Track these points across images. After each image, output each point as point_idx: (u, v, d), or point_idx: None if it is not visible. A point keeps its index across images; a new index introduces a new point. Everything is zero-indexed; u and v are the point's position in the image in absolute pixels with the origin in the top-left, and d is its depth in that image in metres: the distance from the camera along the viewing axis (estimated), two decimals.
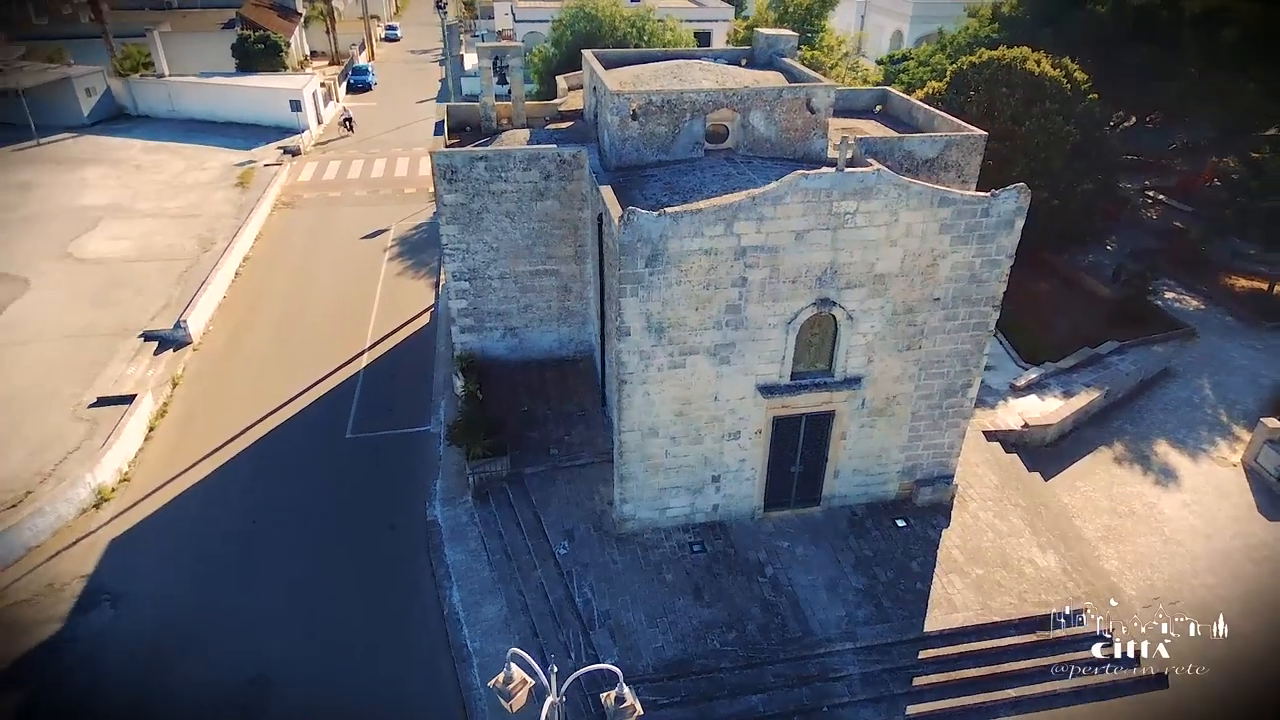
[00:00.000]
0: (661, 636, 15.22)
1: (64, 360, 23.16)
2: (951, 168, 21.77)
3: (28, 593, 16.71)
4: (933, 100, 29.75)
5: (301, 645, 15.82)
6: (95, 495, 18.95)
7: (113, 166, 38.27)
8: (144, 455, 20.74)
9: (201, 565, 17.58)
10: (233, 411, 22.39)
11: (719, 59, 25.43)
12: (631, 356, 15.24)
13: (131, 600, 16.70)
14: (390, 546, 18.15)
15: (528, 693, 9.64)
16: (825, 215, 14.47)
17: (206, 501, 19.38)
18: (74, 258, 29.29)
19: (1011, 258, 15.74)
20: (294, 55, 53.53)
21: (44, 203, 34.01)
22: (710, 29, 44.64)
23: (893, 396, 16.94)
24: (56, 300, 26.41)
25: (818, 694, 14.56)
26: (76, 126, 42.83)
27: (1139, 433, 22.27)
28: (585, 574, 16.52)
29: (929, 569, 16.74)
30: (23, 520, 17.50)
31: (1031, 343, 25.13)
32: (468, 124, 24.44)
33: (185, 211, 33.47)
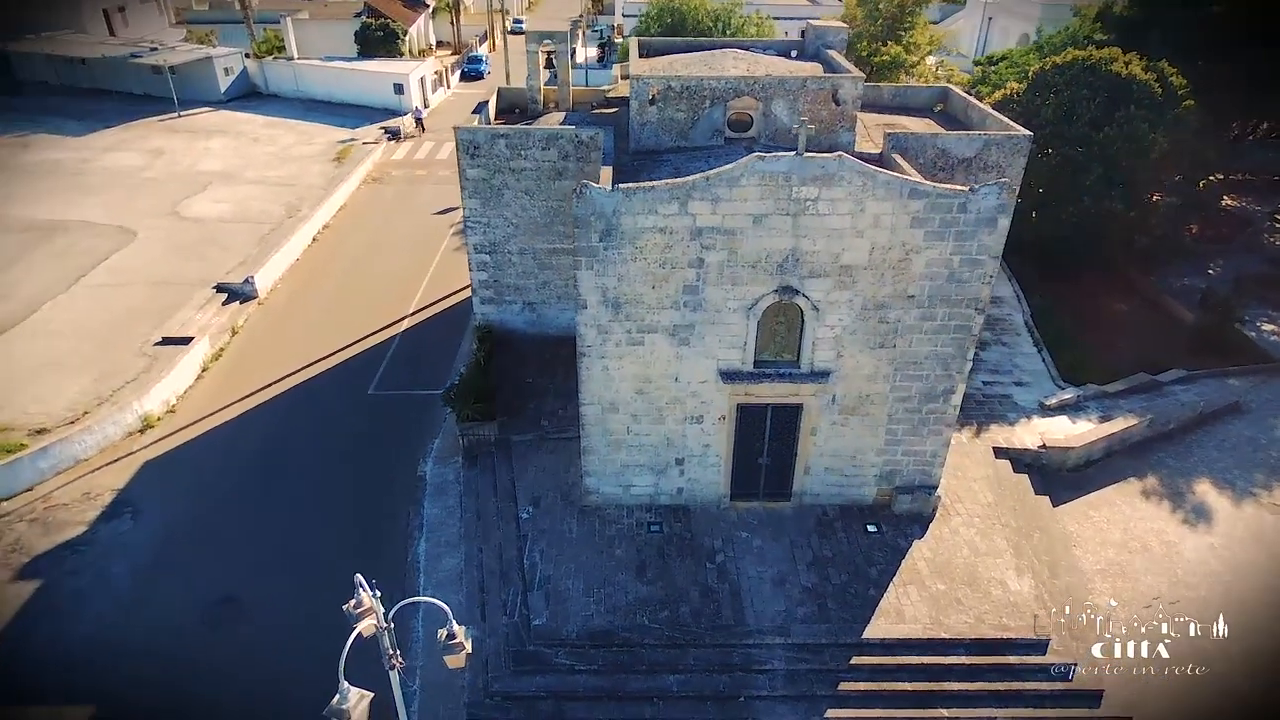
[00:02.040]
0: (594, 606, 15.47)
1: (146, 303, 25.91)
2: (991, 169, 20.73)
3: (67, 498, 18.98)
4: (1008, 102, 28.23)
5: (276, 574, 17.14)
6: (141, 421, 21.20)
7: (234, 138, 42.12)
8: (192, 391, 22.96)
9: (215, 493, 19.34)
10: (277, 361, 24.35)
11: (768, 50, 25.19)
12: (589, 330, 15.55)
13: (148, 515, 18.64)
14: (382, 496, 19.27)
15: (375, 622, 10.12)
16: (785, 200, 14.23)
17: (234, 437, 21.25)
18: (179, 215, 32.58)
19: (996, 259, 14.87)
20: (415, 43, 56.78)
21: (169, 167, 37.94)
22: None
23: (866, 395, 16.39)
24: (154, 251, 29.51)
25: (737, 683, 14.40)
26: (214, 101, 47.35)
27: (1181, 468, 20.36)
28: (540, 539, 16.99)
29: (887, 577, 16.10)
30: (74, 436, 19.86)
31: (1082, 362, 23.36)
32: (517, 106, 25.42)
33: (283, 181, 36.44)
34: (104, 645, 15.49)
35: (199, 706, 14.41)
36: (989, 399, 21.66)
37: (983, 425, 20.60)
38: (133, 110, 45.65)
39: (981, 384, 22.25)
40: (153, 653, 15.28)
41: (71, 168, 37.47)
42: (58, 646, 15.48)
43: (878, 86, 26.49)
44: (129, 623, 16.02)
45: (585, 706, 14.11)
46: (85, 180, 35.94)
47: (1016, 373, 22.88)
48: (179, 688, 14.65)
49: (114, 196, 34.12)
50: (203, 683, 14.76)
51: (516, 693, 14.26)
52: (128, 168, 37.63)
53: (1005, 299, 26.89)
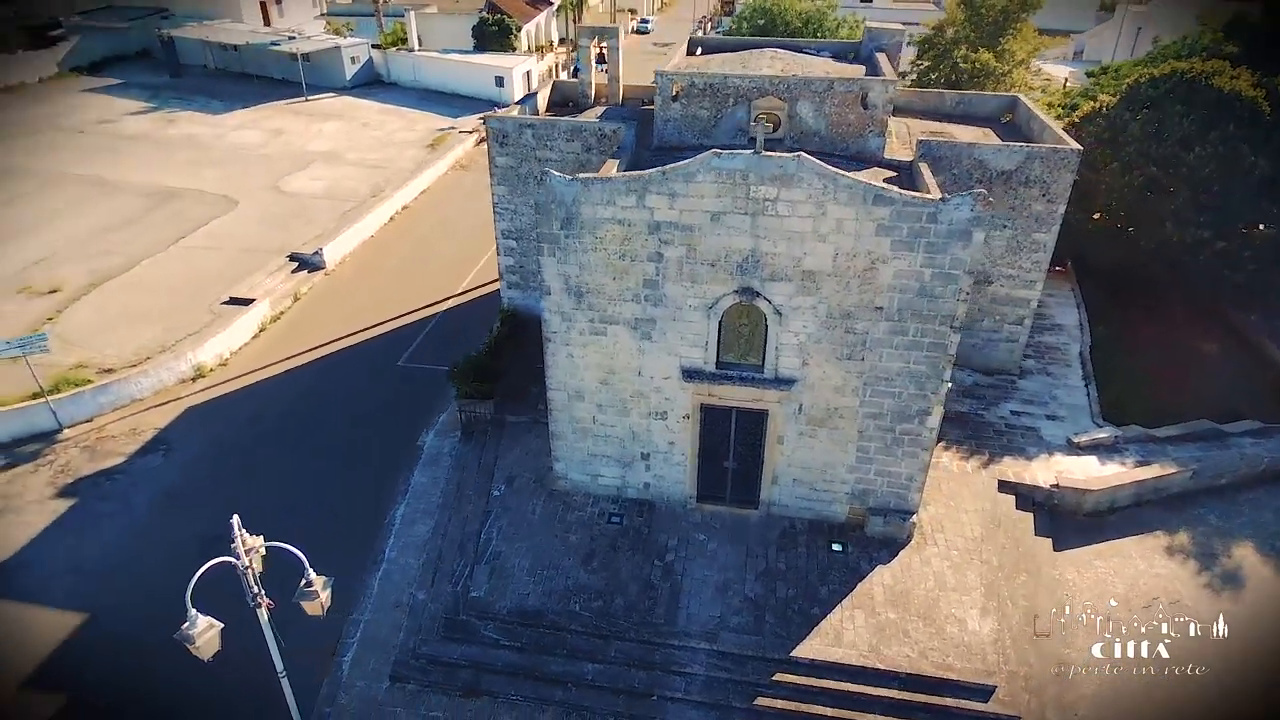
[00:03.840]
0: (534, 586, 15.77)
1: (228, 266, 28.45)
2: (1034, 183, 19.58)
3: (116, 431, 21.24)
4: (1094, 116, 26.11)
5: (268, 519, 18.21)
6: (194, 370, 23.39)
7: (347, 122, 45.26)
8: (246, 348, 25.04)
9: (239, 440, 21.09)
10: (328, 328, 26.14)
11: (821, 51, 24.58)
12: (553, 316, 15.83)
13: (178, 454, 20.59)
14: (382, 460, 20.35)
15: (260, 559, 10.79)
16: (743, 199, 13.97)
17: (269, 393, 23.04)
18: (278, 190, 35.46)
19: (971, 274, 13.97)
20: (531, 39, 58.78)
21: (284, 145, 41.30)
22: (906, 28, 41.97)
23: (834, 408, 15.77)
24: (248, 220, 32.30)
25: (653, 681, 14.30)
26: (339, 88, 50.98)
27: (1224, 527, 18.28)
28: (503, 517, 17.47)
29: (837, 598, 15.46)
30: (132, 377, 22.21)
31: (1131, 401, 21.36)
32: (570, 99, 26.05)
33: (377, 163, 38.85)
34: (109, 563, 17.30)
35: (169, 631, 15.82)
36: (1011, 429, 20.22)
37: (995, 456, 19.27)
38: (268, 93, 49.92)
39: (1009, 413, 20.81)
40: (147, 575, 16.88)
41: (204, 142, 41.52)
42: (73, 556, 17.44)
43: (941, 93, 25.29)
44: (134, 546, 17.80)
45: (502, 680, 14.45)
46: (210, 154, 39.73)
47: (1053, 405, 21.20)
48: (159, 610, 16.12)
49: (229, 169, 37.55)
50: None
51: (441, 658, 14.79)
52: (249, 144, 41.28)
53: (1066, 327, 24.92)
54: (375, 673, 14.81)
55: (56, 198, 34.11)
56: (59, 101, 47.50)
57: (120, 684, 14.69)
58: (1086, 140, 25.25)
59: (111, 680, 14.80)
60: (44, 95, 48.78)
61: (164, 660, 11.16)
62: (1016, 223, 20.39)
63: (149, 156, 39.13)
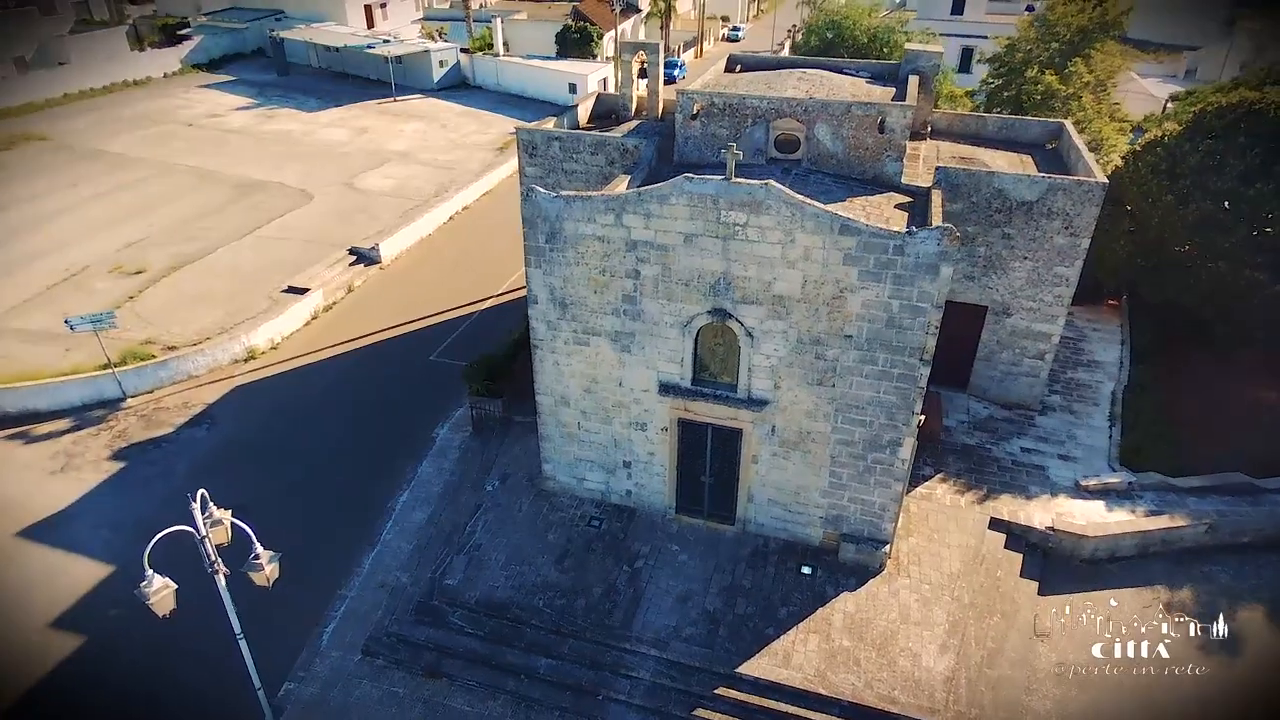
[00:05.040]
0: (504, 580, 16.58)
1: (294, 256, 30.62)
2: (1057, 215, 19.12)
3: (171, 404, 23.37)
4: (1154, 145, 24.87)
5: (284, 495, 20.01)
6: (247, 352, 25.39)
7: (427, 123, 47.52)
8: (297, 334, 26.96)
9: (276, 418, 22.83)
10: (374, 319, 27.81)
11: (860, 72, 24.46)
12: (540, 324, 16.61)
13: (219, 428, 22.49)
14: (397, 448, 21.62)
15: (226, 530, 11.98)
16: (714, 223, 14.33)
17: (309, 377, 24.78)
18: (351, 186, 37.74)
19: (939, 308, 13.87)
20: (615, 45, 59.92)
21: (365, 143, 43.80)
22: (978, 44, 40.80)
23: (806, 432, 15.90)
24: (319, 214, 34.57)
25: (600, 681, 14.84)
26: (426, 90, 53.50)
27: (1235, 589, 17.30)
28: (490, 511, 18.37)
29: (794, 620, 15.59)
30: (190, 356, 24.35)
31: (1161, 447, 20.32)
32: (614, 111, 26.81)
33: (447, 164, 40.73)
34: (142, 524, 19.08)
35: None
36: (1017, 467, 19.67)
37: (993, 493, 18.82)
38: (361, 93, 52.93)
39: (1019, 450, 20.24)
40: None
41: (294, 138, 44.52)
42: (114, 514, 19.42)
43: (983, 116, 24.73)
44: (166, 509, 19.48)
45: (461, 665, 15.31)
46: (297, 149, 42.60)
47: (1068, 445, 20.47)
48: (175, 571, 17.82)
49: (311, 165, 40.18)
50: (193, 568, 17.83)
51: (409, 638, 15.78)
52: (333, 141, 43.99)
53: (1104, 364, 23.92)
54: (351, 645, 15.95)
55: (161, 186, 37.42)
56: (177, 95, 51.84)
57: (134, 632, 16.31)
58: (1143, 170, 24.22)
59: (126, 627, 16.46)
60: (166, 89, 53.33)
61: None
62: (1038, 255, 19.82)
63: (244, 150, 42.31)
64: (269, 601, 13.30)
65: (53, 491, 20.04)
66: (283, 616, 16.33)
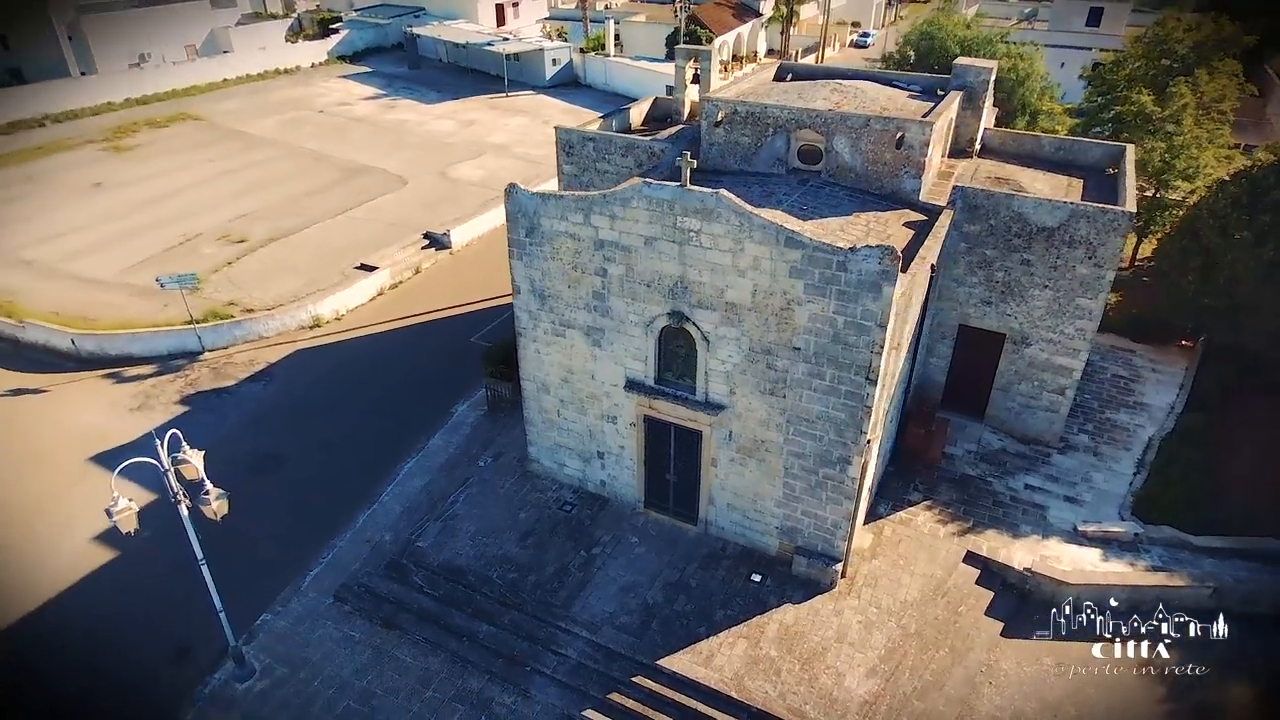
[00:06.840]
0: (469, 550, 17.70)
1: (373, 236, 33.19)
2: (1079, 244, 18.36)
3: (239, 360, 26.13)
4: (1237, 177, 22.83)
5: (315, 449, 22.07)
6: (313, 320, 27.93)
7: (531, 118, 49.70)
8: (361, 308, 29.31)
9: (325, 381, 25.06)
10: (434, 299, 29.80)
11: (912, 85, 23.88)
12: (522, 313, 17.58)
13: (276, 385, 24.97)
14: (420, 419, 23.25)
15: (197, 469, 13.71)
16: (670, 228, 14.77)
17: (362, 347, 26.97)
18: (444, 175, 40.24)
19: (883, 327, 13.71)
20: (729, 49, 60.20)
21: (469, 135, 46.42)
22: (1070, 56, 38.10)
23: (761, 441, 16.03)
24: (409, 199, 37.17)
25: (530, 654, 15.65)
26: (538, 86, 55.87)
27: (1231, 659, 15.88)
28: (475, 485, 19.57)
29: (728, 623, 15.79)
30: (262, 319, 27.10)
31: (1185, 499, 18.83)
32: (668, 115, 27.50)
33: (538, 158, 42.55)
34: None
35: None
36: (1015, 504, 18.81)
37: (979, 527, 18.14)
38: (478, 87, 55.96)
39: (1021, 486, 19.34)
40: None
41: (408, 128, 47.80)
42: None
43: (1038, 137, 23.57)
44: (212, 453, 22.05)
45: (413, 620, 16.54)
46: (407, 138, 45.76)
47: (1080, 488, 19.33)
48: None
49: (415, 154, 43.10)
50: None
51: (374, 589, 17.19)
52: (441, 132, 46.91)
53: (1151, 408, 22.27)
54: (326, 589, 17.53)
55: (281, 166, 41.35)
56: (317, 84, 56.73)
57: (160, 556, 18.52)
58: (1223, 202, 22.37)
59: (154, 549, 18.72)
60: (310, 78, 58.44)
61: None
62: (1059, 284, 18.86)
63: (361, 136, 45.89)
64: (276, 543, 15.45)
65: (126, 425, 23.00)
66: (283, 557, 18.26)
